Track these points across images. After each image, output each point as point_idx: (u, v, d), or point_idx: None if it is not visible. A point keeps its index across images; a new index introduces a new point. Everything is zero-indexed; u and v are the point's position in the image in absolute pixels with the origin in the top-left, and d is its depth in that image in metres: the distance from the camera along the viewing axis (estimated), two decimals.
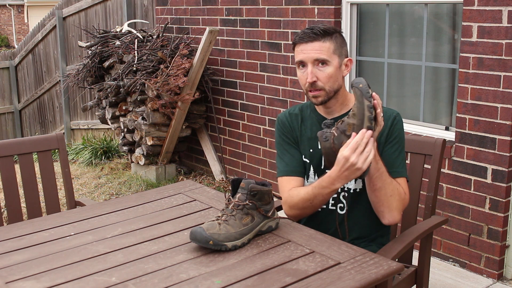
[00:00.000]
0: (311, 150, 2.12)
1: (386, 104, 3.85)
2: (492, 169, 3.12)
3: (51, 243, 1.88)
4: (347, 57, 2.08)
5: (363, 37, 3.94)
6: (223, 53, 4.93)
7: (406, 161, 2.45)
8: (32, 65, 8.79)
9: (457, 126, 3.27)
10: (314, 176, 2.12)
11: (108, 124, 5.52)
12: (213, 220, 1.79)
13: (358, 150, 1.81)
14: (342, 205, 2.09)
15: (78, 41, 6.60)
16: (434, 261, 3.36)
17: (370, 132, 1.82)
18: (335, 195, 2.09)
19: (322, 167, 2.10)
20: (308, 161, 2.13)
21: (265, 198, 1.86)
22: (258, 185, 1.84)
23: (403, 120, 2.15)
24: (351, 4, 3.89)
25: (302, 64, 2.03)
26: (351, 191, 2.07)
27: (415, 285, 2.28)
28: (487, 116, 3.11)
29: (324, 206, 2.11)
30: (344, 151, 1.82)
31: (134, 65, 4.86)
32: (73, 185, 2.78)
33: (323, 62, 2.00)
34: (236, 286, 1.55)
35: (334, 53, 2.02)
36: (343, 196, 2.08)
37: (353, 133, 1.83)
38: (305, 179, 2.15)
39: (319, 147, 2.10)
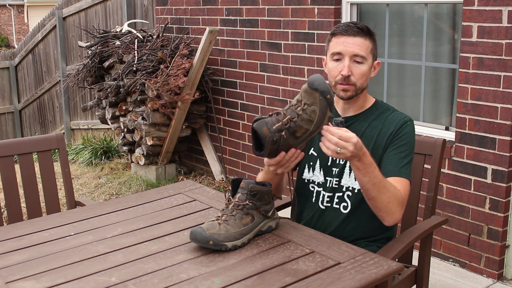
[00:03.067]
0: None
1: None
2: (492, 169, 3.12)
3: (51, 243, 1.88)
4: (376, 60, 2.11)
5: None
6: (223, 53, 4.93)
7: None
8: (32, 65, 8.79)
9: (457, 126, 3.27)
10: (320, 170, 2.12)
11: (108, 124, 5.52)
12: (213, 220, 1.79)
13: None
14: (345, 204, 2.09)
15: (78, 41, 6.60)
16: (434, 261, 3.36)
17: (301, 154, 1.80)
18: (340, 194, 2.09)
19: (329, 163, 2.11)
20: (316, 155, 2.13)
21: (265, 198, 1.86)
22: (258, 185, 1.84)
23: None
24: (351, 4, 3.89)
25: (338, 55, 2.02)
26: (356, 191, 2.07)
27: (415, 285, 2.28)
28: (487, 116, 3.11)
29: (328, 205, 2.11)
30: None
31: (134, 65, 4.86)
32: (73, 185, 2.78)
33: (360, 60, 2.00)
34: (236, 286, 1.55)
35: (371, 53, 2.04)
36: (347, 196, 2.08)
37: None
38: (311, 171, 2.14)
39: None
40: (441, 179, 3.32)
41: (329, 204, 2.11)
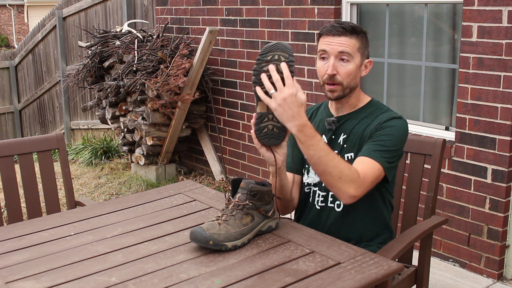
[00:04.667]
0: None
1: (386, 104, 3.85)
2: (492, 169, 3.12)
3: (51, 243, 1.88)
4: (368, 58, 2.10)
5: None
6: (223, 53, 4.93)
7: (406, 161, 2.46)
8: (32, 65, 8.79)
9: (457, 126, 3.27)
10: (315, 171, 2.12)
11: (108, 124, 5.52)
12: (213, 220, 1.79)
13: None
14: (339, 202, 2.09)
15: (78, 41, 6.60)
16: (434, 261, 3.36)
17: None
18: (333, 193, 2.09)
19: None
20: None
21: (265, 198, 1.85)
22: (258, 185, 1.84)
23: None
24: (351, 4, 3.89)
25: (324, 55, 2.03)
26: None
27: (415, 285, 2.28)
28: (487, 116, 3.11)
29: (323, 204, 2.11)
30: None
31: (134, 65, 4.86)
32: (73, 185, 2.77)
33: (346, 57, 2.00)
34: (236, 286, 1.55)
35: (358, 51, 2.03)
36: None
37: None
38: (306, 174, 2.16)
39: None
40: (441, 179, 3.32)
41: (323, 204, 2.12)
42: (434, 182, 2.35)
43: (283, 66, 1.76)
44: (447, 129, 3.48)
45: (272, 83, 1.76)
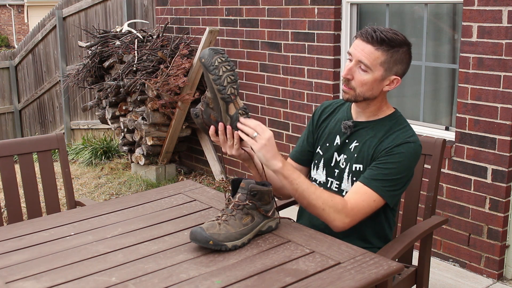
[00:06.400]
0: (327, 144, 2.13)
1: None
2: (492, 169, 3.12)
3: (51, 243, 1.88)
4: (398, 76, 2.01)
5: None
6: None
7: None
8: (32, 65, 8.79)
9: (457, 126, 3.27)
10: (323, 169, 2.13)
11: (108, 124, 5.52)
12: (213, 220, 1.79)
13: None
14: None
15: (78, 41, 6.60)
16: (434, 261, 3.36)
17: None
18: None
19: (332, 164, 2.11)
20: (321, 153, 2.14)
21: (265, 198, 1.86)
22: (258, 185, 1.84)
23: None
24: (351, 4, 3.89)
25: (350, 57, 2.00)
26: None
27: (415, 285, 2.28)
28: (487, 116, 3.11)
29: None
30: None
31: (134, 65, 4.86)
32: (73, 185, 2.77)
33: (363, 67, 1.95)
34: (236, 286, 1.55)
35: (381, 65, 1.95)
36: None
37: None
38: (315, 170, 2.16)
39: (334, 144, 2.11)
40: (441, 179, 3.32)
41: None
42: (434, 182, 2.35)
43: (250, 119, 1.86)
44: (447, 129, 3.48)
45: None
